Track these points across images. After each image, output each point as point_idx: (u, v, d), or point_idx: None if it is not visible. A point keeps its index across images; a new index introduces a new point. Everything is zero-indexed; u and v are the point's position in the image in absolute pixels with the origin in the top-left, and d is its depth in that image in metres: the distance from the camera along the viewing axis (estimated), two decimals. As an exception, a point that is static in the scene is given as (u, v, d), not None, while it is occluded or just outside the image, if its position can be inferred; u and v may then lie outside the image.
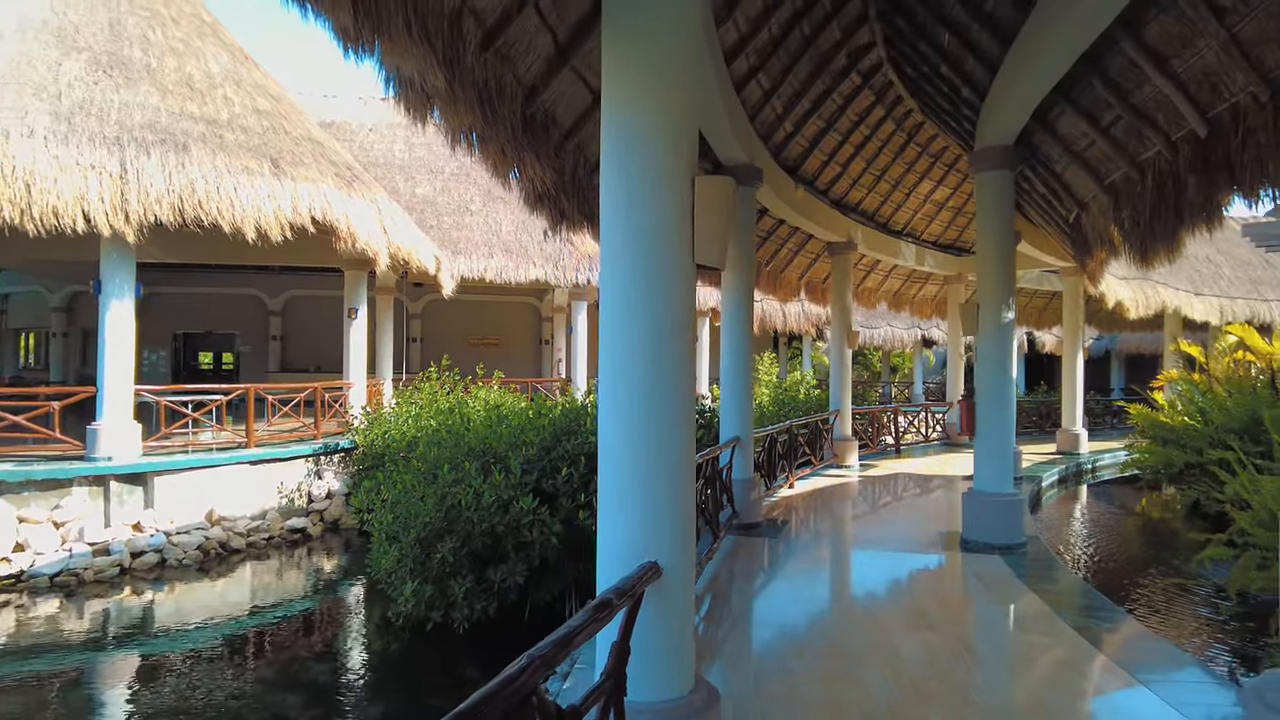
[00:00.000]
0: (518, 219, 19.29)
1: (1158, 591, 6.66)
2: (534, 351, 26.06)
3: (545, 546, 6.93)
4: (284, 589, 9.54)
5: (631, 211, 2.87)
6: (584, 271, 18.42)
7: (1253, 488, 5.32)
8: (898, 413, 15.32)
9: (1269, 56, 4.77)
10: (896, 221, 14.37)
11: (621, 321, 2.89)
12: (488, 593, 7.13)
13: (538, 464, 7.32)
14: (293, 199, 10.82)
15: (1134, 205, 6.76)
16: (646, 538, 2.79)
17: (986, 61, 7.27)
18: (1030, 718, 3.78)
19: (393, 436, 11.57)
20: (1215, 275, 16.90)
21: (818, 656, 4.53)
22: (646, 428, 2.83)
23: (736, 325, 8.10)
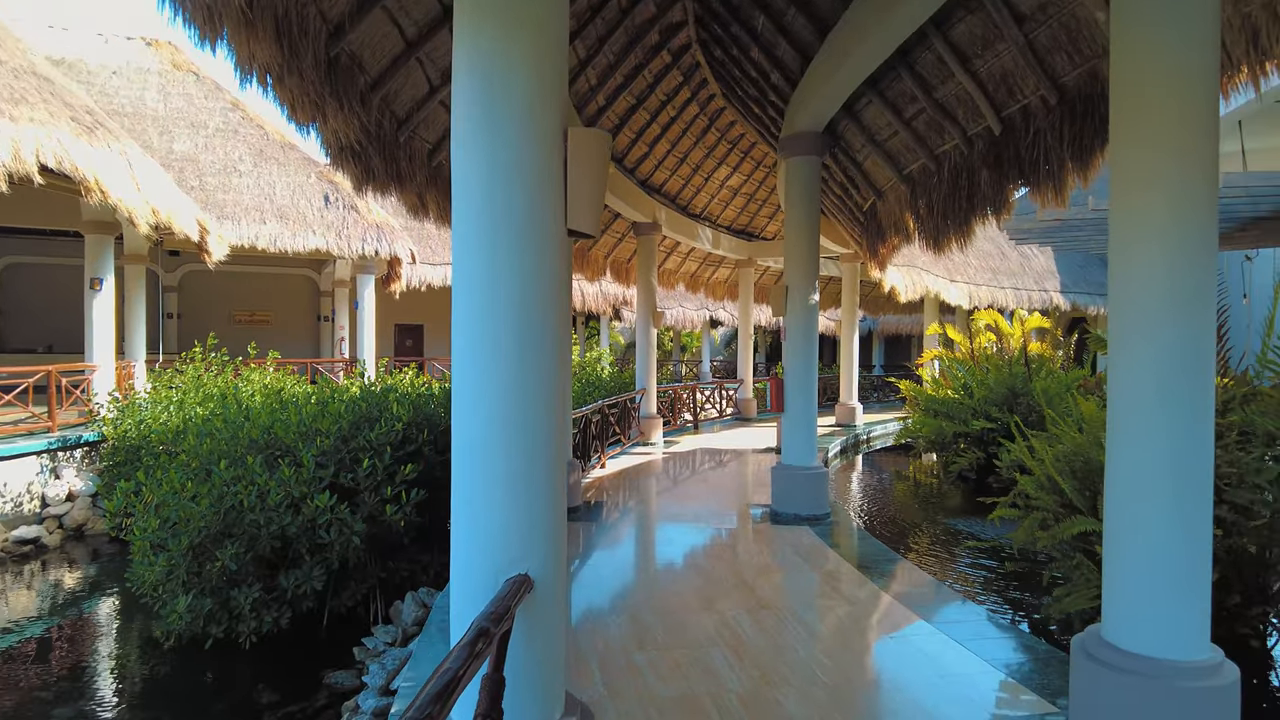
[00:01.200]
0: (295, 182, 17.53)
1: (952, 551, 7.23)
2: (311, 329, 24.06)
3: (346, 547, 6.24)
4: (11, 613, 7.93)
5: (495, 171, 2.44)
6: (371, 241, 17.11)
7: (1034, 455, 5.85)
8: (696, 390, 15.74)
9: (1059, 63, 5.18)
10: (695, 205, 14.67)
11: (484, 300, 2.46)
12: (279, 602, 6.32)
13: (334, 456, 6.56)
14: (13, 143, 8.93)
15: (930, 195, 7.22)
16: (516, 545, 2.40)
17: (800, 48, 7.42)
18: (874, 692, 3.85)
19: (151, 427, 10.02)
20: (964, 264, 18.96)
21: (661, 647, 4.37)
22: (517, 420, 2.44)
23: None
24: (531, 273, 2.45)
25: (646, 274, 12.65)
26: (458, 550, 2.53)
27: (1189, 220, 2.97)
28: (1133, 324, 3.08)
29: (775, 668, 4.09)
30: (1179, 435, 2.97)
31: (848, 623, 4.95)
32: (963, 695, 3.79)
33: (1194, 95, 2.97)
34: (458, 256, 2.57)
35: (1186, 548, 2.97)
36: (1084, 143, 5.16)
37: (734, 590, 5.44)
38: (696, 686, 3.83)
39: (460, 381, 2.52)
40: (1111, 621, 3.15)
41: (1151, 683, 2.92)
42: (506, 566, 2.36)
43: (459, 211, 2.56)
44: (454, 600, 2.55)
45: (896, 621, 4.86)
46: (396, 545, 6.79)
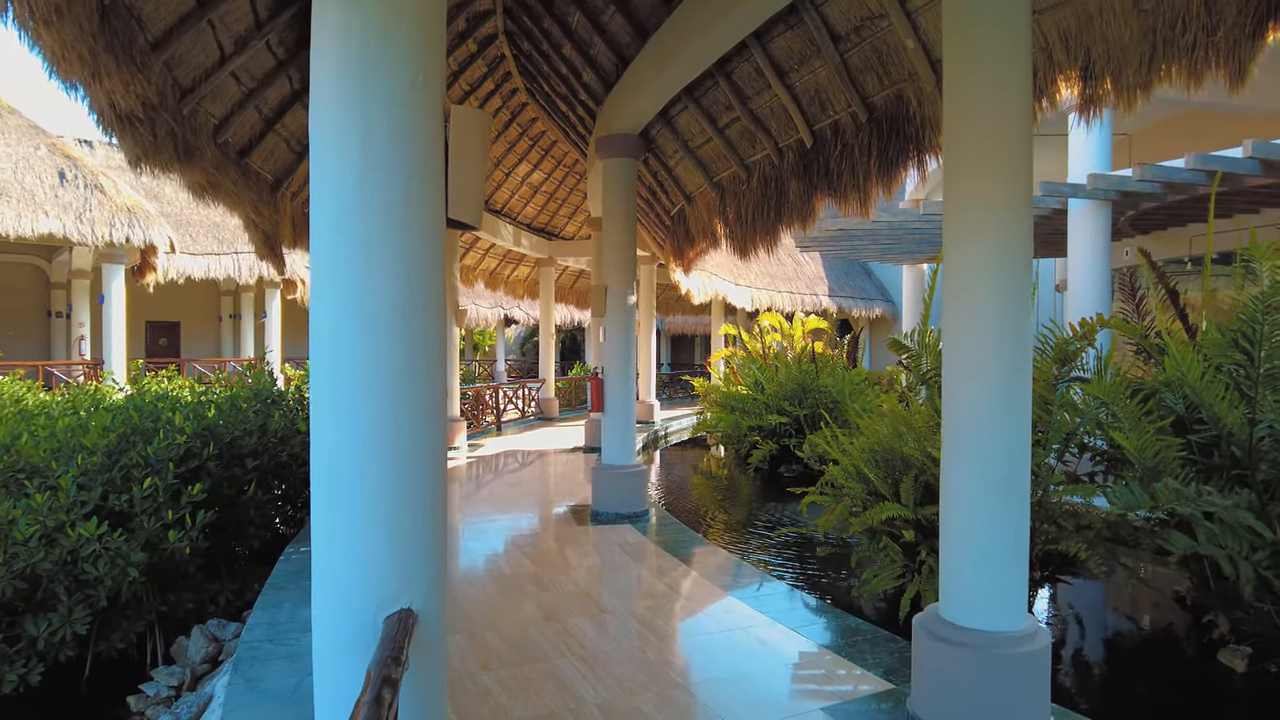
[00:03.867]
0: (18, 154, 15.02)
1: (767, 540, 7.59)
2: (40, 327, 20.80)
3: (120, 581, 5.36)
4: None
5: (369, 152, 2.13)
6: (122, 227, 15.03)
7: (839, 447, 6.28)
8: (499, 390, 15.41)
9: (869, 83, 5.59)
10: (496, 201, 14.37)
11: (356, 303, 2.14)
12: (27, 654, 5.30)
13: (100, 476, 5.62)
14: None
15: (740, 202, 7.54)
16: (397, 576, 2.12)
17: (617, 48, 7.45)
18: (729, 686, 3.91)
19: None
20: (747, 269, 20.15)
21: (507, 665, 4.17)
22: (396, 434, 2.15)
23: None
24: (413, 271, 2.17)
25: (449, 270, 12.16)
26: (323, 587, 2.20)
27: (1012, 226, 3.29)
28: (964, 328, 3.37)
29: (630, 674, 4.04)
30: (1004, 434, 3.29)
31: (689, 619, 5.03)
32: (807, 675, 3.97)
33: (1010, 122, 3.31)
34: (319, 253, 2.24)
35: (1010, 532, 3.30)
36: (889, 158, 5.61)
37: (570, 597, 5.34)
38: (553, 703, 3.69)
39: (326, 394, 2.19)
40: (949, 601, 3.42)
41: (983, 653, 3.21)
42: (387, 602, 2.08)
43: (321, 202, 2.22)
44: (320, 646, 2.20)
45: (734, 614, 5.00)
46: (180, 574, 5.95)
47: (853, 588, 6.18)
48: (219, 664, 5.72)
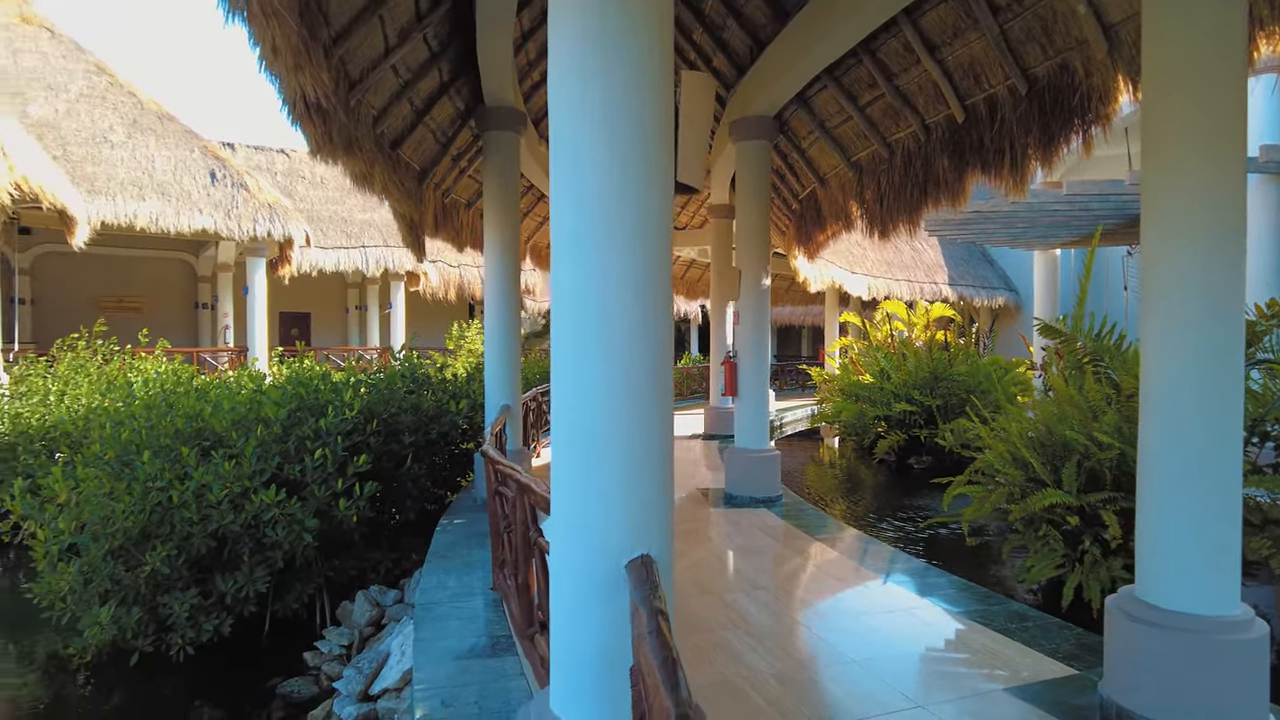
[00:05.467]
0: (176, 156, 16.17)
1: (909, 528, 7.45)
2: (188, 317, 22.32)
3: (296, 546, 5.74)
4: None
5: (611, 117, 2.21)
6: (264, 222, 16.01)
7: (993, 432, 6.08)
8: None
9: (1030, 54, 5.37)
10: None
11: (600, 268, 2.21)
12: (219, 608, 5.76)
13: (276, 447, 6.04)
14: None
15: (879, 181, 7.38)
16: (636, 525, 2.20)
17: (753, 30, 7.41)
18: (902, 664, 3.86)
19: (31, 421, 8.97)
20: (863, 256, 19.72)
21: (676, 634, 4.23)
22: (634, 393, 2.23)
23: (502, 287, 7.44)
24: (651, 236, 2.25)
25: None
26: (567, 537, 2.28)
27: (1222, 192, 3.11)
28: (1170, 302, 3.20)
29: (798, 648, 4.05)
30: (1213, 408, 3.11)
31: (846, 600, 4.98)
32: (982, 658, 3.87)
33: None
34: (562, 222, 2.32)
35: (1222, 511, 3.12)
36: (1050, 132, 5.38)
37: (721, 574, 5.39)
38: (728, 671, 3.73)
39: (571, 362, 2.28)
40: (1149, 583, 3.27)
41: (1193, 638, 3.05)
42: (628, 549, 2.17)
43: (564, 172, 2.30)
44: (563, 590, 2.30)
45: (892, 597, 4.93)
46: (345, 542, 6.32)
47: (1006, 577, 5.99)
48: (381, 627, 6.05)
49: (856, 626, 4.46)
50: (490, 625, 4.39)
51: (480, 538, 6.29)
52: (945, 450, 8.43)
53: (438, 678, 3.67)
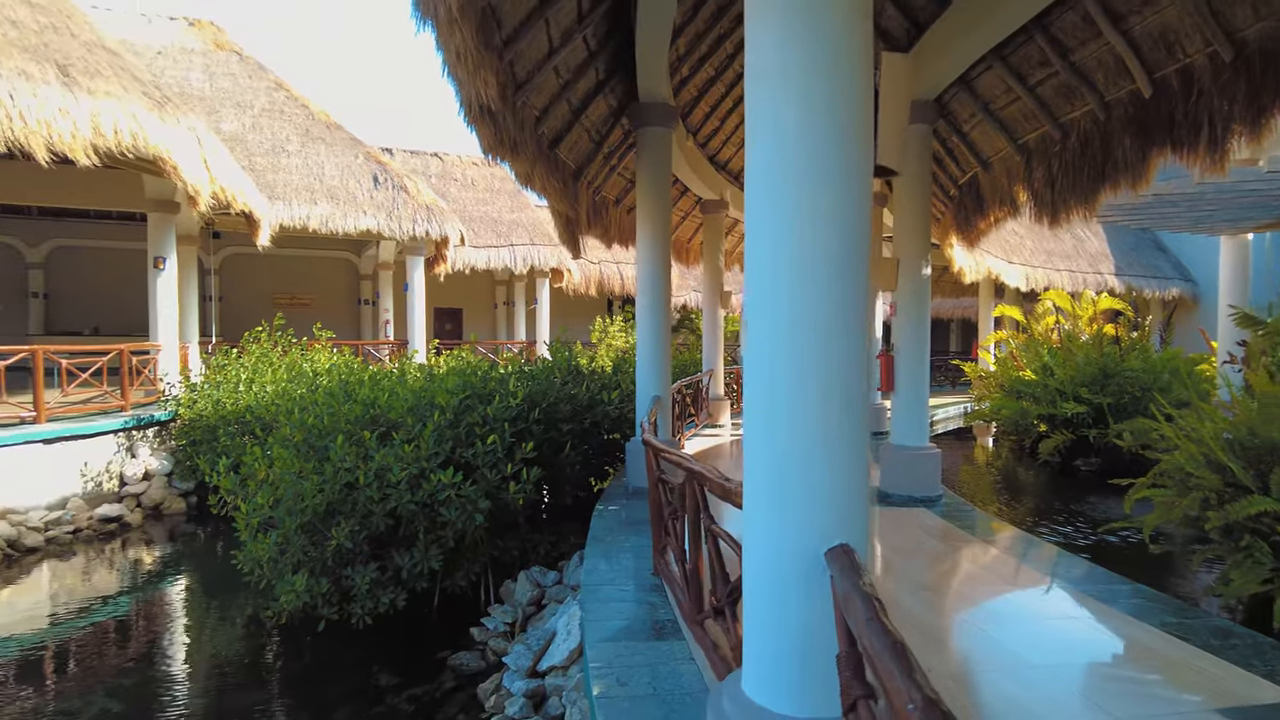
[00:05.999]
0: (343, 162, 17.39)
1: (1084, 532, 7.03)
2: (351, 312, 23.96)
3: (468, 525, 6.08)
4: (103, 590, 7.85)
5: (811, 100, 2.21)
6: (422, 222, 16.94)
7: (1181, 432, 5.62)
8: (756, 373, 15.54)
9: (1238, 15, 4.90)
10: (757, 183, 14.40)
11: (794, 255, 2.22)
12: (395, 582, 6.18)
13: (450, 432, 6.40)
14: (92, 116, 8.80)
15: (1050, 164, 6.96)
16: (835, 515, 2.20)
17: (912, 13, 7.15)
18: (1093, 673, 3.65)
19: (227, 406, 9.93)
20: (1020, 245, 18.63)
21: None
22: (834, 381, 2.23)
23: (653, 282, 7.56)
24: (851, 222, 2.23)
25: (714, 254, 12.43)
26: (765, 526, 2.31)
27: None
28: None
29: (974, 650, 3.91)
30: None
31: (1020, 604, 4.76)
32: (1184, 675, 3.60)
33: None
34: (759, 208, 2.34)
35: None
36: (1260, 103, 4.91)
37: (885, 574, 5.26)
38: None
39: (769, 351, 2.30)
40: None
41: None
42: (827, 538, 2.17)
43: (761, 155, 2.32)
44: (758, 578, 2.34)
45: (1070, 603, 4.66)
46: (510, 524, 6.64)
47: (1195, 589, 5.53)
48: (542, 606, 6.31)
49: (1034, 630, 4.25)
50: (654, 610, 4.49)
51: (635, 525, 6.43)
52: (1122, 451, 7.86)
53: (609, 658, 3.79)
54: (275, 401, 9.34)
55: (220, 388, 10.53)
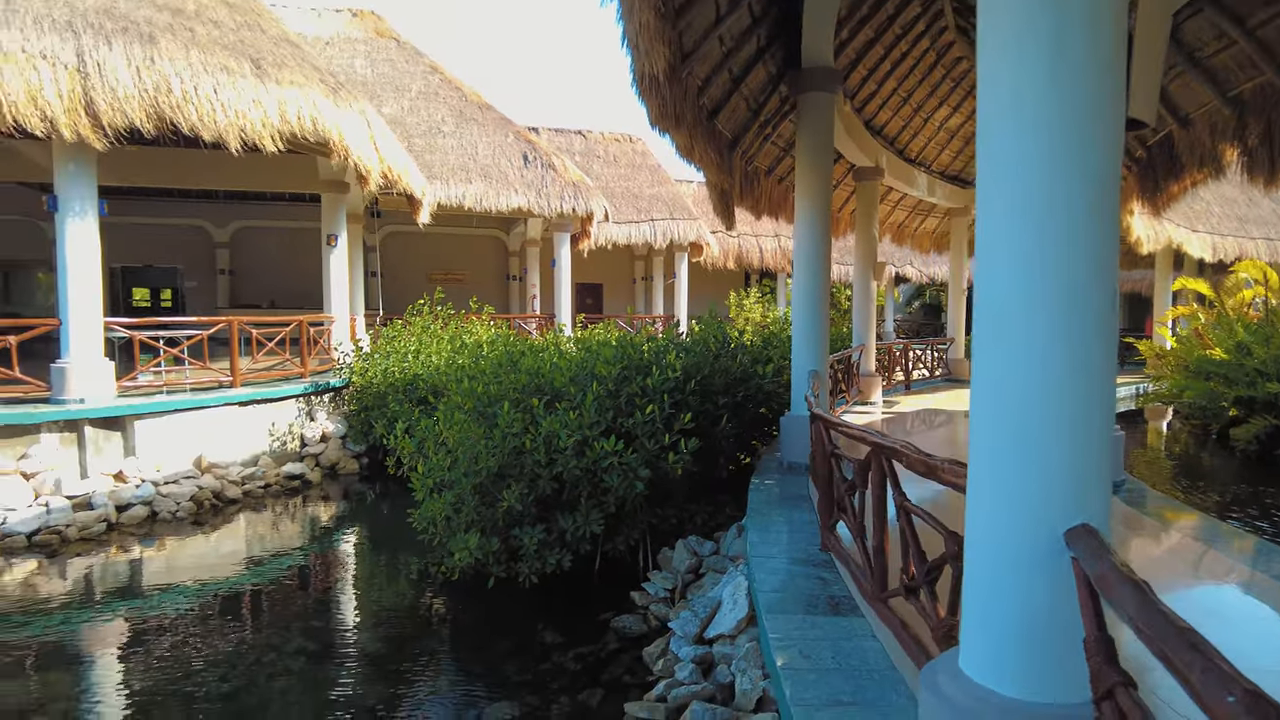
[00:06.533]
0: (494, 142, 17.99)
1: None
2: (500, 288, 24.88)
3: (628, 492, 6.21)
4: (294, 541, 8.61)
5: (1064, 43, 2.03)
6: (569, 199, 17.31)
7: None
8: (909, 348, 14.97)
9: None
10: (912, 149, 13.78)
11: (1035, 214, 2.09)
12: (559, 544, 6.41)
13: (609, 402, 6.53)
14: (279, 105, 9.50)
15: (1269, 119, 6.24)
16: (1075, 493, 2.07)
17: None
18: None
19: (396, 374, 10.58)
20: (1206, 212, 16.92)
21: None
22: (1077, 353, 2.10)
23: (812, 253, 7.38)
24: (1104, 184, 2.07)
25: (867, 223, 12.01)
26: (993, 506, 2.20)
27: None
28: None
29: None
30: None
31: (1229, 598, 4.36)
32: None
33: None
34: (993, 170, 2.19)
35: None
36: None
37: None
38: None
39: (1002, 319, 2.18)
40: None
41: None
42: (1067, 517, 2.04)
43: (997, 109, 2.17)
44: (981, 557, 2.24)
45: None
46: (668, 493, 6.72)
47: None
48: (700, 575, 6.36)
49: (1261, 631, 3.88)
50: (826, 585, 4.42)
51: (794, 500, 6.36)
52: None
53: (788, 631, 3.77)
54: (443, 371, 9.86)
55: (389, 357, 11.22)
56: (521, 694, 5.01)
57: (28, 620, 6.22)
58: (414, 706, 4.97)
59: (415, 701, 5.04)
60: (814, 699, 3.12)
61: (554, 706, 4.84)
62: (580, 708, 4.83)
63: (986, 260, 2.24)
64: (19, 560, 7.39)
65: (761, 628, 3.97)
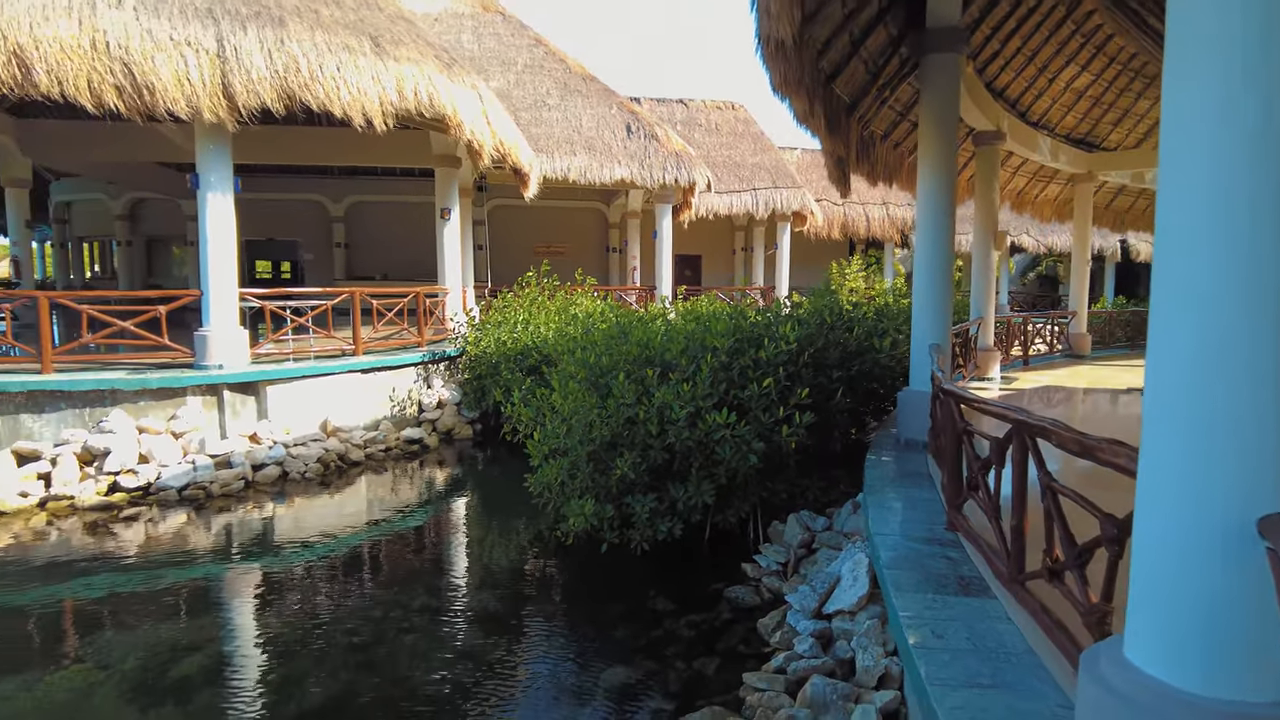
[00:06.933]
0: (598, 114, 18.04)
1: None
2: (601, 260, 25.06)
3: (741, 465, 6.18)
4: (413, 502, 9.00)
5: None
6: (671, 170, 17.21)
7: None
8: (1028, 321, 14.28)
9: None
10: (1035, 112, 13.02)
11: (1243, 187, 1.91)
12: (670, 513, 6.46)
13: (722, 375, 6.50)
14: (397, 81, 9.77)
15: None
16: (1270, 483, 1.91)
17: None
18: None
19: (507, 344, 10.86)
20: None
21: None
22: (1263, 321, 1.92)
23: (935, 220, 7.09)
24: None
25: (987, 190, 11.44)
26: (1169, 491, 2.05)
27: None
28: None
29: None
30: None
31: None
32: None
33: None
34: (1177, 137, 2.04)
35: None
36: None
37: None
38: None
39: (1185, 294, 2.01)
40: None
41: None
42: (1261, 505, 1.89)
43: (1189, 68, 2.01)
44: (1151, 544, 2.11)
45: None
46: (780, 467, 6.67)
47: None
48: (812, 550, 6.30)
49: None
50: (954, 565, 4.29)
51: (913, 477, 6.20)
52: None
53: (919, 610, 3.69)
54: (553, 341, 10.05)
55: (500, 327, 11.50)
56: (636, 658, 5.10)
57: (180, 567, 6.75)
58: (533, 664, 5.14)
59: (534, 659, 5.22)
60: (950, 679, 3.04)
61: (670, 672, 4.92)
62: (696, 675, 4.89)
63: (1181, 232, 2.06)
64: (171, 512, 8.01)
65: (889, 606, 3.89)
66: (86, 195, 22.38)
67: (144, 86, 8.10)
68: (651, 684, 4.79)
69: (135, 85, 8.05)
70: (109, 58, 7.99)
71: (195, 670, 4.96)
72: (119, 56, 8.04)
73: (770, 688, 4.37)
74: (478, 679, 4.90)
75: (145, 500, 8.18)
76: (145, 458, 8.40)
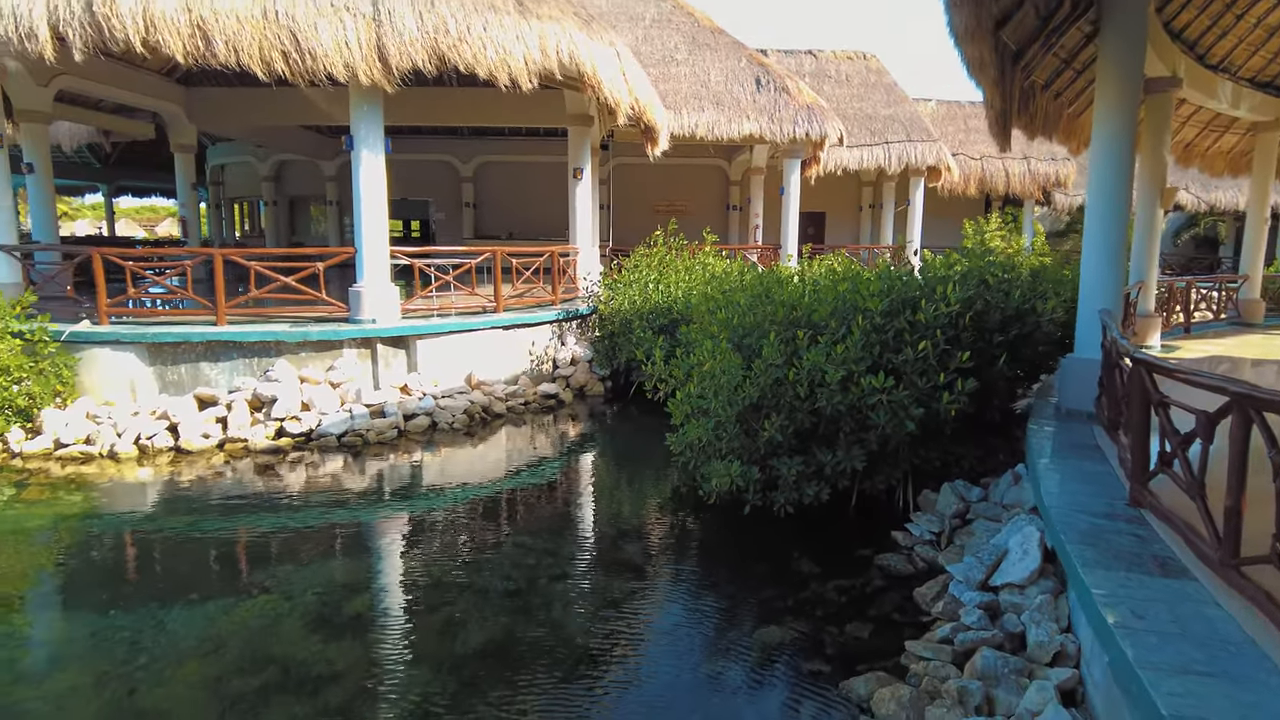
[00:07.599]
0: (727, 67, 17.68)
1: None
2: (721, 217, 24.75)
3: (895, 431, 6.02)
4: (552, 454, 9.27)
5: None
6: (803, 123, 16.71)
7: None
8: (1191, 286, 13.20)
9: None
10: (1215, 54, 11.83)
11: None
12: (817, 477, 6.39)
13: (875, 337, 6.31)
14: (540, 39, 9.84)
15: None
16: None
17: None
18: None
19: (638, 303, 10.94)
20: None
21: None
22: None
23: (1112, 176, 6.59)
24: None
25: (1156, 142, 10.52)
26: None
27: None
28: None
29: None
30: None
31: None
32: None
33: None
34: None
35: None
36: None
37: None
38: None
39: None
40: None
41: None
42: None
43: None
44: None
45: None
46: (934, 434, 6.45)
47: None
48: (967, 521, 6.11)
49: None
50: (1144, 544, 4.06)
51: (1080, 449, 5.89)
52: None
53: (1113, 589, 3.52)
54: (691, 300, 10.06)
55: (632, 286, 11.59)
56: (785, 619, 5.09)
57: (344, 507, 7.23)
58: (683, 619, 5.22)
59: (683, 614, 5.30)
60: (1162, 663, 2.89)
61: (824, 635, 4.89)
62: (850, 639, 4.84)
63: None
64: (331, 457, 8.56)
65: (1076, 582, 3.73)
66: (238, 158, 23.86)
67: (307, 52, 8.47)
68: (806, 645, 4.79)
69: (300, 51, 8.43)
70: (278, 26, 8.39)
71: (367, 607, 5.30)
72: (286, 25, 8.42)
73: (936, 657, 4.28)
74: (629, 629, 5.03)
75: (308, 445, 8.78)
76: (307, 405, 8.99)
